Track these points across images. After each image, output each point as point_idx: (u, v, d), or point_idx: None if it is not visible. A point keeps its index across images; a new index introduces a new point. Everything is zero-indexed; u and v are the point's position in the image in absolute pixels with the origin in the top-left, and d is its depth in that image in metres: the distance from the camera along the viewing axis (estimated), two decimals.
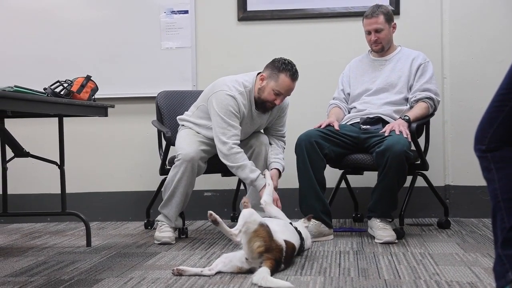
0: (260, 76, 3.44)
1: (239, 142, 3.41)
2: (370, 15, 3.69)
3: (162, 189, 3.58)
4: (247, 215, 2.62)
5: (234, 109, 3.38)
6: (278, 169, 3.52)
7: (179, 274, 2.64)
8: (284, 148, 3.71)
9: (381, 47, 3.73)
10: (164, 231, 3.48)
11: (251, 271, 2.58)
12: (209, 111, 3.47)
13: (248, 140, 3.60)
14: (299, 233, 2.98)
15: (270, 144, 3.64)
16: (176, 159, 3.48)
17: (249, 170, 3.35)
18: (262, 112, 3.53)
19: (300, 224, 3.13)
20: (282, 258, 2.63)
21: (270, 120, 3.64)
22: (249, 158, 3.50)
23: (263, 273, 2.46)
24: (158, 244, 3.43)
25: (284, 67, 3.38)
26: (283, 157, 3.62)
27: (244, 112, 3.45)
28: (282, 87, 3.39)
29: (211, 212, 2.62)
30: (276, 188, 3.40)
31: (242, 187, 4.06)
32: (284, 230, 2.83)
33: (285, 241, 2.69)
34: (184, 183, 3.45)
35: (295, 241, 2.86)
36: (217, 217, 2.62)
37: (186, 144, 3.48)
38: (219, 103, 3.39)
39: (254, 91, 3.46)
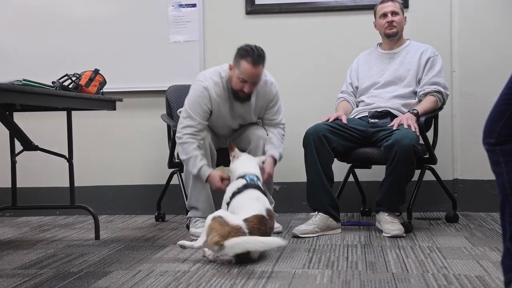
0: (230, 66, 3.38)
1: (193, 134, 3.33)
2: None
3: (184, 184, 3.49)
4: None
5: (203, 100, 3.35)
6: (273, 157, 3.43)
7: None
8: (283, 135, 3.59)
9: (396, 31, 3.72)
10: (199, 226, 3.38)
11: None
12: None
13: (245, 134, 3.54)
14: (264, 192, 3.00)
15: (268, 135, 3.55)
16: None
17: (200, 159, 3.29)
18: (240, 102, 3.43)
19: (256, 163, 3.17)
20: (246, 234, 2.65)
21: (259, 112, 3.55)
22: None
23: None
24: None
25: (245, 54, 3.25)
26: (280, 144, 3.53)
27: (219, 102, 3.39)
28: (245, 74, 3.26)
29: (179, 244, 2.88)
30: (270, 176, 3.38)
31: None
32: (243, 206, 2.83)
33: (247, 218, 2.70)
34: None
35: (259, 210, 2.81)
36: (185, 243, 2.87)
37: None
38: (191, 92, 3.41)
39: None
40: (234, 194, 2.96)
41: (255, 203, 2.86)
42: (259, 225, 2.71)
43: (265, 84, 3.47)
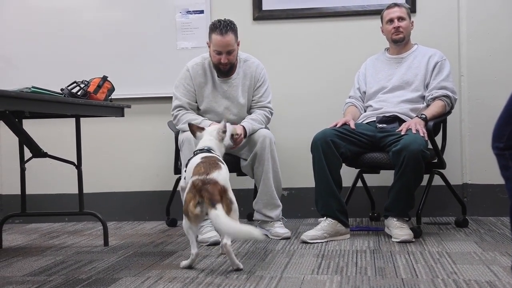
0: (207, 44, 3.61)
1: (182, 110, 3.61)
2: (394, 5, 3.75)
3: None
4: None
5: (185, 81, 3.64)
6: (243, 126, 3.49)
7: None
8: (267, 117, 3.69)
9: (403, 36, 3.72)
10: (206, 232, 3.38)
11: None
12: None
13: (251, 137, 3.55)
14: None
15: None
16: (180, 143, 3.53)
17: (198, 117, 3.57)
18: (224, 77, 3.61)
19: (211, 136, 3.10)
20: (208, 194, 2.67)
21: (247, 91, 3.66)
22: (255, 154, 3.53)
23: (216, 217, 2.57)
24: (207, 245, 3.31)
25: (213, 27, 3.53)
26: (260, 121, 3.61)
27: (200, 82, 3.63)
28: (217, 45, 3.50)
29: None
30: (239, 137, 3.40)
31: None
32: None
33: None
34: None
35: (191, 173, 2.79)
36: (185, 263, 2.82)
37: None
38: (179, 76, 3.70)
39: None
40: (186, 165, 2.99)
41: (193, 165, 2.81)
42: (195, 190, 2.68)
43: (252, 64, 3.69)
